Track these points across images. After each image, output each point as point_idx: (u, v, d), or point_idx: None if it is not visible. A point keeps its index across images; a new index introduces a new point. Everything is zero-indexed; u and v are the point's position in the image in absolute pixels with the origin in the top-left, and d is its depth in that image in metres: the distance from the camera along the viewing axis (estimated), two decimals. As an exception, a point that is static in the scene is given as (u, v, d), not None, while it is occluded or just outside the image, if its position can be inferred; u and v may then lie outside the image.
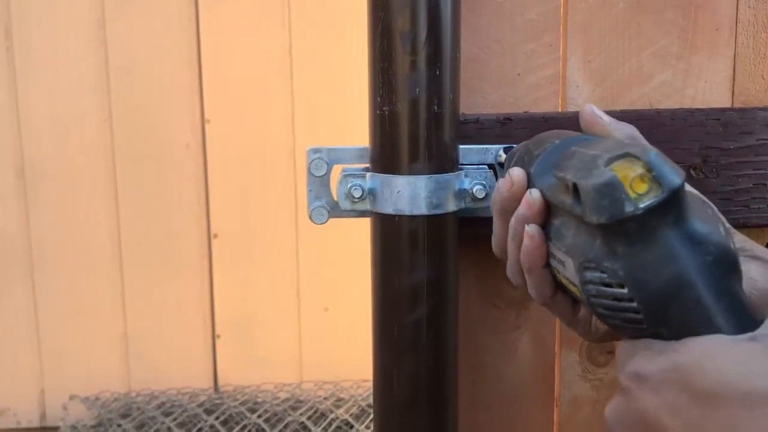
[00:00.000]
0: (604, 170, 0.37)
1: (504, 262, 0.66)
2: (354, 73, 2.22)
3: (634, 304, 0.37)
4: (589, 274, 0.38)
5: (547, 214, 0.45)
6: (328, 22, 2.25)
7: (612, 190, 0.36)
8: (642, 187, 0.36)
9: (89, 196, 2.28)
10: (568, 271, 0.41)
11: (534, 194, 0.46)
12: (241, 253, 2.33)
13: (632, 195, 0.36)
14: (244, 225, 2.32)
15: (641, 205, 0.35)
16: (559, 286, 0.47)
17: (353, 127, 2.23)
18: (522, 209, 0.46)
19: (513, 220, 0.47)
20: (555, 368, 0.69)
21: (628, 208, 0.36)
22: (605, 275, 0.37)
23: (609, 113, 0.63)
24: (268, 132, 2.29)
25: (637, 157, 0.36)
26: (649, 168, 0.36)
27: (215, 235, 2.32)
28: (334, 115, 2.26)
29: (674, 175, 0.36)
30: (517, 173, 0.48)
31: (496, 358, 0.68)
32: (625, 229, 0.36)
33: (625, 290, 0.37)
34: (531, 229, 0.45)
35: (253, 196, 2.31)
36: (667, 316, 0.36)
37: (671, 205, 0.36)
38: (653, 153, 0.36)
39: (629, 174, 0.36)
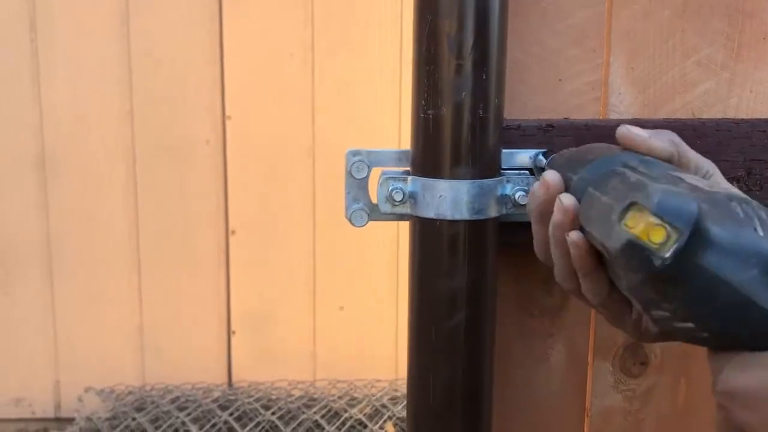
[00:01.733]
0: (619, 229, 0.37)
1: (541, 268, 0.66)
2: (375, 73, 2.22)
3: (706, 334, 0.37)
4: (655, 312, 0.39)
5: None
6: (350, 21, 2.25)
7: (634, 251, 0.36)
8: (660, 235, 0.35)
9: (108, 190, 2.29)
10: (626, 290, 0.41)
11: (565, 200, 0.45)
12: (258, 249, 2.33)
13: (655, 248, 0.35)
14: (262, 222, 2.32)
15: (667, 255, 0.35)
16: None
17: (373, 126, 2.23)
18: (557, 216, 0.46)
19: (551, 227, 0.47)
20: (587, 378, 0.68)
21: (657, 262, 0.35)
22: (668, 314, 0.38)
23: (650, 121, 0.62)
24: (288, 130, 2.29)
25: (643, 206, 0.36)
26: (659, 214, 0.35)
27: (233, 232, 2.32)
28: (355, 115, 2.26)
29: (685, 210, 0.35)
30: (551, 176, 0.48)
31: (527, 365, 0.68)
32: (664, 277, 0.36)
33: (691, 324, 0.37)
34: (574, 237, 0.45)
35: (272, 194, 2.31)
36: (740, 338, 0.36)
37: (696, 237, 0.35)
38: (657, 195, 0.36)
39: (642, 225, 0.36)
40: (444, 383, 0.56)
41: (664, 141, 0.50)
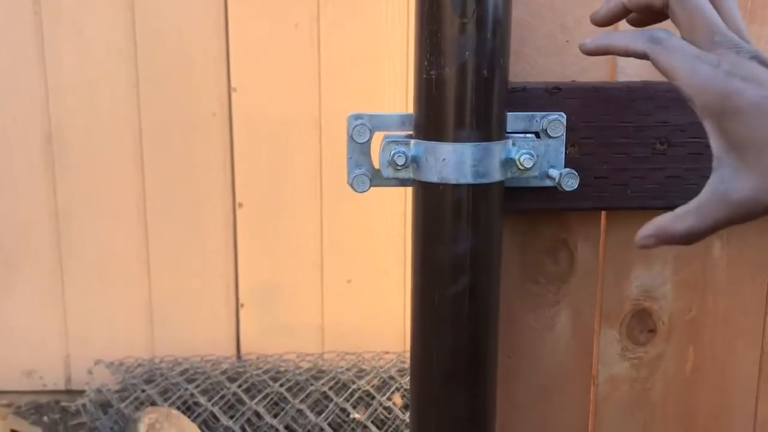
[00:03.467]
0: None
1: (547, 235, 0.65)
2: (382, 40, 2.19)
3: None
4: None
5: None
6: (357, -9, 2.22)
7: None
8: None
9: (116, 163, 2.29)
10: None
11: None
12: (265, 222, 2.33)
13: None
14: (269, 194, 2.32)
15: None
16: None
17: (381, 94, 2.21)
18: None
19: None
20: (593, 346, 0.68)
21: None
22: None
23: (661, 84, 0.61)
24: (295, 101, 2.27)
25: None
26: None
27: (240, 205, 2.32)
28: (362, 84, 2.24)
29: None
30: None
31: (533, 333, 0.67)
32: None
33: None
34: None
35: (279, 166, 2.30)
36: None
37: None
38: None
39: None
40: (448, 350, 0.55)
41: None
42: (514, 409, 0.67)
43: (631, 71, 0.62)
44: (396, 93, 2.19)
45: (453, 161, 0.52)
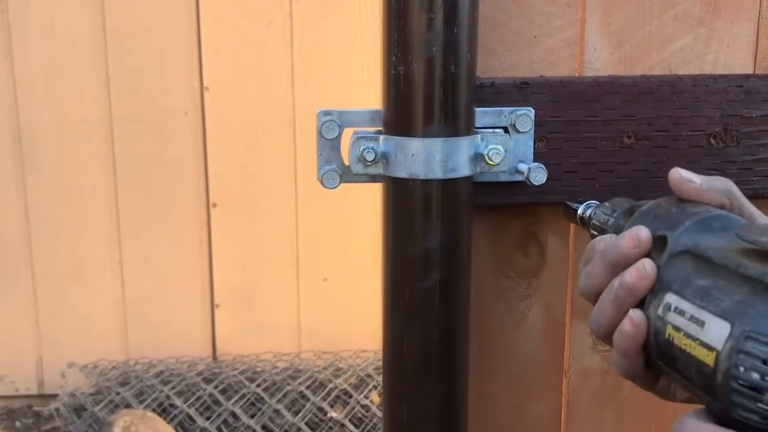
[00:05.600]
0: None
1: (517, 229, 0.65)
2: (356, 38, 2.19)
3: None
4: (753, 346, 0.36)
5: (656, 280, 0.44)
6: (329, -12, 2.21)
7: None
8: None
9: (87, 164, 2.26)
10: (707, 333, 0.39)
11: (648, 267, 0.44)
12: (240, 222, 2.31)
13: None
14: (243, 194, 2.30)
15: None
16: (655, 352, 0.44)
17: (355, 92, 2.20)
18: (631, 278, 0.44)
19: (617, 283, 0.45)
20: (565, 339, 0.68)
21: None
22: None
23: (628, 78, 0.61)
24: (268, 99, 2.26)
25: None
26: None
27: (214, 204, 2.30)
28: (335, 82, 2.24)
29: None
30: (645, 235, 0.45)
31: (504, 327, 0.67)
32: None
33: None
34: (636, 317, 0.44)
35: (253, 165, 2.29)
36: None
37: None
38: None
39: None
40: (419, 346, 0.55)
41: (716, 191, 0.48)
42: (486, 402, 0.68)
43: (599, 66, 0.63)
44: (370, 89, 2.19)
45: (422, 157, 0.52)
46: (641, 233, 0.46)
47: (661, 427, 0.69)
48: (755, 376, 0.35)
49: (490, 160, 0.54)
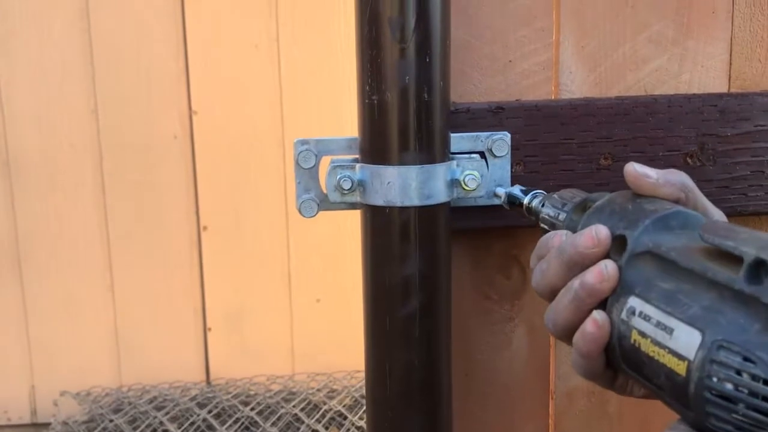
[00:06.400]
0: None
1: (498, 252, 0.65)
2: (344, 61, 2.20)
3: None
4: (726, 356, 0.35)
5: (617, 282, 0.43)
6: (315, 10, 2.22)
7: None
8: None
9: (76, 189, 2.25)
10: (677, 341, 0.38)
11: (610, 269, 0.43)
12: (231, 245, 2.31)
13: None
14: (234, 217, 2.30)
15: None
16: (618, 355, 0.43)
17: (344, 116, 2.21)
18: (592, 279, 0.43)
19: (577, 284, 0.44)
20: (550, 360, 0.68)
21: None
22: (751, 365, 0.34)
23: (602, 100, 0.62)
24: (257, 122, 2.26)
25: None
26: None
27: (205, 228, 2.30)
28: (324, 104, 2.24)
29: None
30: (604, 234, 0.44)
31: (489, 350, 0.67)
32: None
33: None
34: (600, 319, 0.43)
35: (243, 188, 2.29)
36: None
37: None
38: None
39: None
40: (400, 373, 0.55)
41: (672, 185, 0.47)
42: (473, 425, 0.67)
43: (575, 88, 0.63)
44: (356, 112, 2.20)
45: (398, 184, 0.52)
46: (601, 232, 0.44)
47: (649, 446, 0.69)
48: (729, 386, 0.35)
49: (467, 185, 0.54)
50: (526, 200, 0.55)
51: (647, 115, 0.61)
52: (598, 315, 0.43)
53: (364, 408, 2.10)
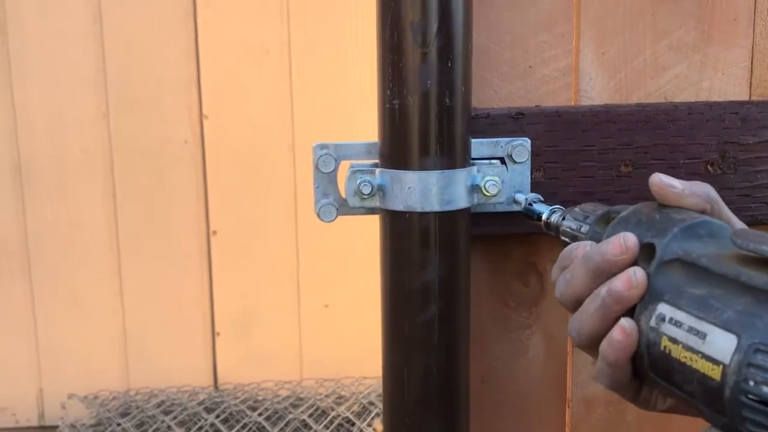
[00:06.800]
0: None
1: (516, 259, 0.65)
2: (355, 67, 2.20)
3: None
4: (763, 359, 0.35)
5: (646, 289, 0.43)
6: (327, 15, 2.23)
7: None
8: None
9: (87, 193, 2.26)
10: (711, 345, 0.37)
11: (639, 275, 0.43)
12: (240, 249, 2.31)
13: None
14: (243, 221, 2.30)
15: None
16: (647, 364, 0.43)
17: (355, 122, 2.21)
18: (621, 285, 0.43)
19: (604, 291, 0.44)
20: (567, 368, 0.68)
21: None
22: None
23: (624, 107, 0.61)
24: (267, 127, 2.27)
25: None
26: None
27: (214, 232, 2.30)
28: (334, 110, 2.25)
29: None
30: (633, 242, 0.44)
31: (506, 357, 0.67)
32: None
33: None
34: (628, 326, 0.42)
35: (253, 192, 2.29)
36: None
37: None
38: None
39: None
40: (418, 379, 0.55)
41: (698, 197, 0.47)
42: (489, 434, 0.67)
43: (594, 94, 0.63)
44: (368, 118, 2.20)
45: (418, 189, 0.52)
46: (629, 239, 0.44)
47: (666, 456, 0.69)
48: (766, 389, 0.34)
49: (487, 191, 0.54)
50: (545, 215, 0.55)
51: (668, 123, 0.60)
52: (626, 322, 0.42)
53: (373, 414, 2.09)
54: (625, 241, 0.44)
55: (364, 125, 2.18)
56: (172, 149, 2.25)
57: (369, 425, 2.07)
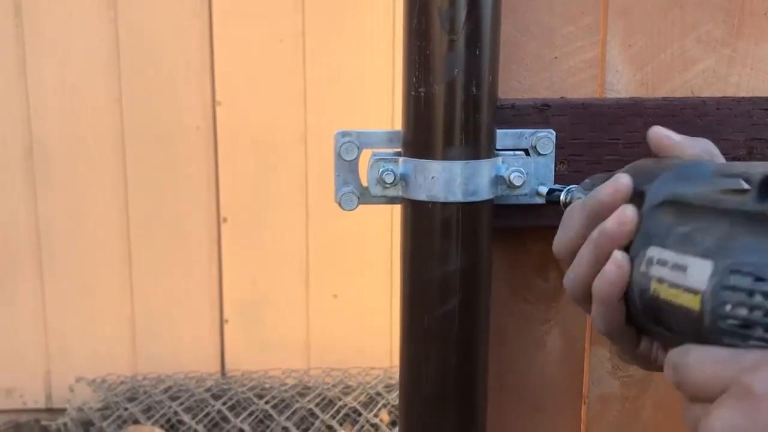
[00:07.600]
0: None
1: (536, 253, 0.64)
2: (370, 56, 2.19)
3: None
4: (737, 279, 0.33)
5: (634, 234, 0.42)
6: (341, 5, 2.22)
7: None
8: None
9: (98, 178, 2.26)
10: (692, 277, 0.36)
11: (629, 212, 0.42)
12: (250, 237, 2.31)
13: None
14: (253, 209, 2.30)
15: None
16: (641, 311, 0.42)
17: (369, 111, 2.21)
18: (612, 224, 0.42)
19: (596, 232, 0.43)
20: (584, 364, 0.67)
21: None
22: (763, 283, 0.32)
23: (651, 100, 0.60)
24: (280, 115, 2.26)
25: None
26: None
27: (224, 219, 2.30)
28: (348, 99, 2.24)
29: None
30: (624, 180, 0.44)
31: (524, 352, 0.66)
32: None
33: None
34: (620, 257, 0.41)
35: (263, 180, 2.29)
36: None
37: None
38: None
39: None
40: (437, 371, 0.54)
41: (694, 149, 0.46)
42: (504, 427, 0.66)
43: (620, 87, 0.62)
44: (381, 108, 2.19)
45: (442, 179, 0.51)
46: (621, 179, 0.44)
47: (683, 455, 0.68)
48: (742, 311, 0.33)
49: (512, 183, 0.53)
50: (562, 197, 0.55)
51: (695, 118, 0.59)
52: (618, 254, 0.41)
53: (379, 405, 2.09)
54: (617, 181, 0.44)
55: (377, 115, 2.17)
56: (184, 135, 2.25)
57: (376, 416, 2.07)
